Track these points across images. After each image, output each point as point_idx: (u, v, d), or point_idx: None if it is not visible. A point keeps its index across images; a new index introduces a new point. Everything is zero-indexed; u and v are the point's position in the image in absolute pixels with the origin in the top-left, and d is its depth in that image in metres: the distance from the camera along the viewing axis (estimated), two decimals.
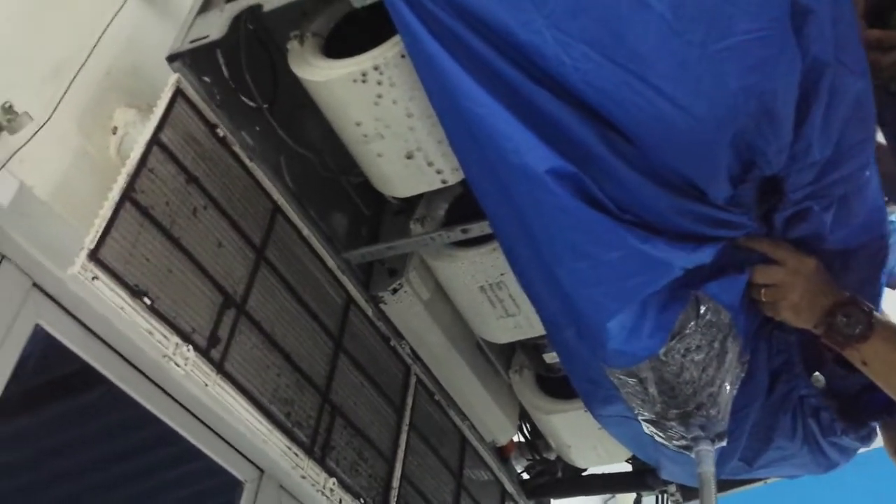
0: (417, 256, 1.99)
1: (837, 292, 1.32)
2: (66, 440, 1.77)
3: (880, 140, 1.40)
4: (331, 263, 1.88)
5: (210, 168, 1.56)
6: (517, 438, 2.66)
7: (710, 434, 1.40)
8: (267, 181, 1.70)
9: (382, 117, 1.47)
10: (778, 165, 1.23)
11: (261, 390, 1.59)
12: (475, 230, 1.72)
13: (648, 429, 1.55)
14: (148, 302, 1.36)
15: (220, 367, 1.49)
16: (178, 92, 1.49)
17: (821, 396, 1.53)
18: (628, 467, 2.64)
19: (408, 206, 1.92)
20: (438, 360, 2.18)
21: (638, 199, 1.24)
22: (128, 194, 1.36)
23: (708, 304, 1.36)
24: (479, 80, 1.18)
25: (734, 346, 1.41)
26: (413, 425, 2.12)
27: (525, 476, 2.74)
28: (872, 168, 1.30)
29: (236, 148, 1.62)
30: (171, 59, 1.47)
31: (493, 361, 2.32)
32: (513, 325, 2.01)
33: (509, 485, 2.59)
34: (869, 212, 1.35)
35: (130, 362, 1.69)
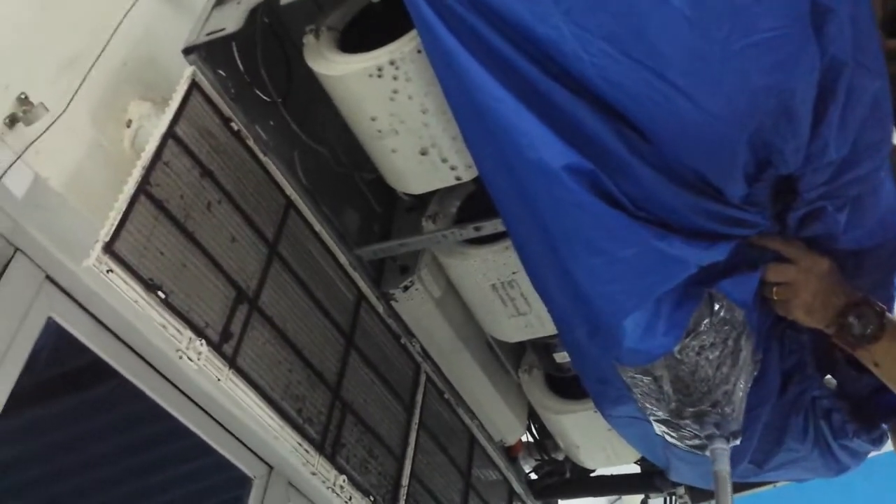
0: (429, 254, 1.99)
1: (850, 292, 1.32)
2: (77, 433, 1.77)
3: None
4: (342, 260, 1.88)
5: (224, 162, 1.55)
6: (525, 438, 2.66)
7: (725, 432, 1.40)
8: (280, 176, 1.70)
9: (397, 113, 1.47)
10: (794, 164, 1.23)
11: (272, 386, 1.58)
12: (488, 228, 1.72)
13: (660, 429, 1.55)
14: (162, 296, 1.36)
15: (233, 362, 1.49)
16: (194, 85, 1.48)
17: (833, 398, 1.52)
18: (637, 469, 2.64)
19: (420, 203, 1.92)
20: (448, 358, 2.18)
21: (653, 197, 1.24)
22: (143, 187, 1.35)
23: (722, 302, 1.36)
24: (496, 75, 1.18)
25: (748, 344, 1.40)
26: (423, 423, 2.12)
27: (533, 476, 2.74)
28: (887, 169, 1.30)
29: (250, 142, 1.62)
30: (187, 52, 1.47)
31: (503, 360, 2.32)
32: (524, 324, 2.01)
33: (517, 484, 2.59)
34: (883, 213, 1.34)
35: (142, 356, 1.69)
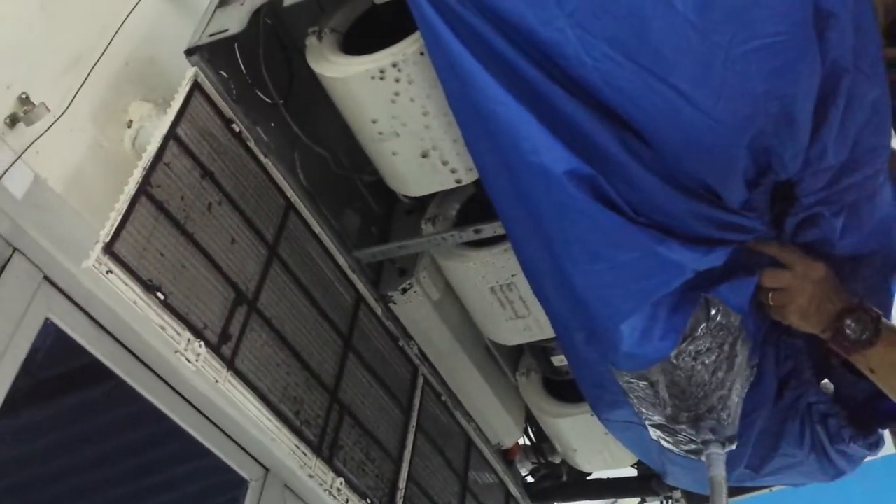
0: (428, 256, 1.98)
1: (846, 298, 1.32)
2: (74, 435, 1.76)
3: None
4: (342, 262, 1.87)
5: (225, 163, 1.55)
6: (522, 441, 2.66)
7: (721, 437, 1.40)
8: (281, 178, 1.69)
9: (399, 115, 1.47)
10: (793, 169, 1.23)
11: (270, 388, 1.58)
12: (487, 230, 1.72)
13: (655, 433, 1.55)
14: (161, 297, 1.35)
15: (231, 364, 1.48)
16: (196, 86, 1.48)
17: (829, 403, 1.53)
18: (634, 472, 2.64)
19: (420, 206, 1.92)
20: (446, 361, 2.18)
21: (653, 202, 1.24)
22: (143, 188, 1.35)
23: (718, 307, 1.36)
24: (499, 79, 1.18)
25: (744, 349, 1.41)
26: (420, 426, 2.11)
27: (530, 479, 2.74)
28: (885, 175, 1.30)
29: (251, 144, 1.61)
30: (190, 53, 1.47)
31: (501, 363, 2.32)
32: (522, 327, 2.01)
33: (514, 488, 2.58)
34: (880, 220, 1.34)
35: (139, 358, 1.69)
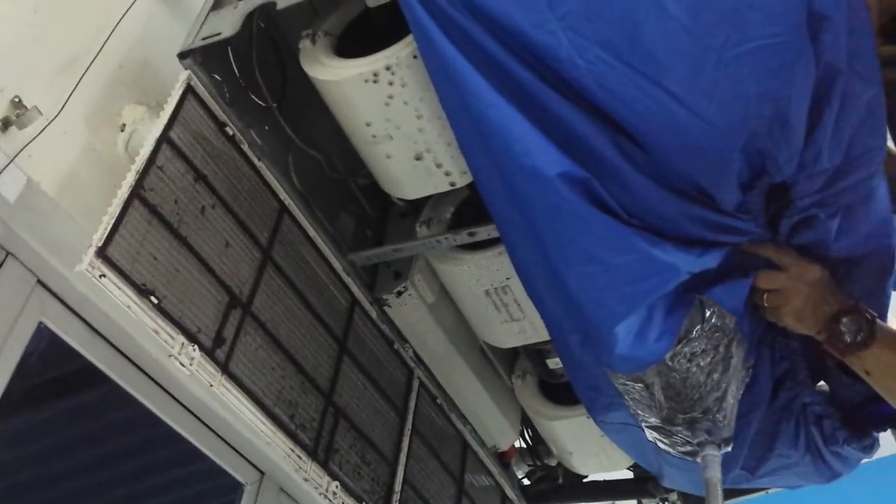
0: (423, 259, 1.98)
1: (841, 299, 1.31)
2: (68, 439, 1.76)
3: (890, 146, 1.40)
4: (336, 265, 1.87)
5: (219, 167, 1.55)
6: (518, 444, 2.65)
7: (717, 439, 1.40)
8: (274, 181, 1.69)
9: (392, 118, 1.47)
10: (788, 172, 1.23)
11: (265, 391, 1.58)
12: (482, 233, 1.72)
13: (651, 435, 1.55)
14: (155, 301, 1.35)
15: (225, 368, 1.48)
16: (189, 89, 1.48)
17: (824, 405, 1.53)
18: (630, 474, 2.64)
19: (414, 209, 1.91)
20: (441, 364, 2.18)
21: (646, 204, 1.24)
22: (136, 192, 1.35)
23: (713, 309, 1.36)
24: (492, 82, 1.18)
25: (739, 351, 1.41)
26: (415, 429, 2.11)
27: (526, 482, 2.73)
28: (880, 178, 1.30)
29: (245, 147, 1.61)
30: (183, 56, 1.46)
31: (497, 366, 2.32)
32: (517, 330, 2.01)
33: (510, 490, 2.58)
34: (875, 223, 1.34)
35: (133, 362, 1.68)
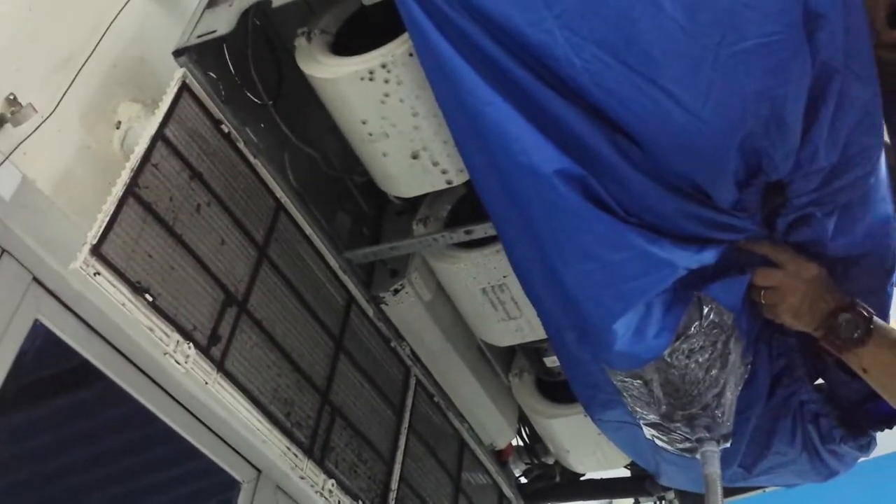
0: (419, 257, 1.98)
1: (839, 297, 1.32)
2: (64, 436, 1.75)
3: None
4: (333, 263, 1.87)
5: (214, 164, 1.54)
6: (515, 442, 2.65)
7: (716, 435, 1.40)
8: (270, 179, 1.69)
9: (389, 116, 1.46)
10: (784, 171, 1.23)
11: (261, 389, 1.57)
12: (479, 231, 1.72)
13: (650, 433, 1.55)
14: (149, 299, 1.34)
15: (221, 366, 1.48)
16: (184, 87, 1.47)
17: (821, 403, 1.53)
18: (627, 473, 2.64)
19: (410, 207, 1.91)
20: (438, 362, 2.18)
21: (643, 202, 1.24)
22: (131, 189, 1.34)
23: (711, 305, 1.36)
24: (488, 80, 1.18)
25: (737, 347, 1.41)
26: (412, 427, 2.11)
27: (523, 480, 2.74)
28: (878, 176, 1.30)
29: (241, 145, 1.61)
30: (178, 54, 1.46)
31: (494, 364, 2.32)
32: (514, 328, 2.01)
33: (507, 488, 2.58)
34: (873, 221, 1.34)
35: (129, 359, 1.68)
